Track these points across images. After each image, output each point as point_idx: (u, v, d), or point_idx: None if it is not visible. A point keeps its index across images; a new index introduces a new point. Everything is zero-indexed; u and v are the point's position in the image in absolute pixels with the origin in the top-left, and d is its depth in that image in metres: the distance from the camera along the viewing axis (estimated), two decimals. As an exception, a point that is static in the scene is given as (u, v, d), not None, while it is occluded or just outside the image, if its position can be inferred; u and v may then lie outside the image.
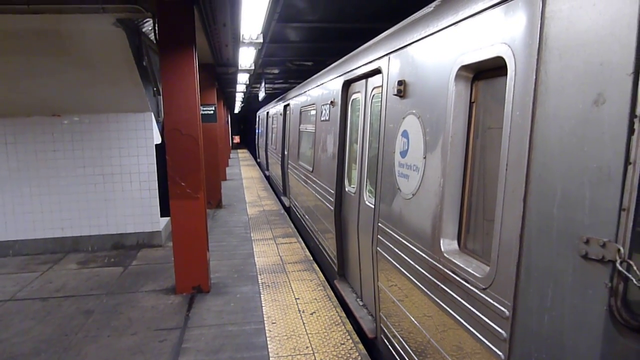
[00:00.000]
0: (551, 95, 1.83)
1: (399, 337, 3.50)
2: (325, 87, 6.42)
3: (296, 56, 12.23)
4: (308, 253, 7.07)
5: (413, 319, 3.19)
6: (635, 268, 1.52)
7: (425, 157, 2.97)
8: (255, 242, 7.75)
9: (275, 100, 15.47)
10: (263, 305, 5.11)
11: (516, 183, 1.99)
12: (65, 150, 7.23)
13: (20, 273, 6.44)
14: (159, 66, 5.23)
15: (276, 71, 15.35)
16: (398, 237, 3.39)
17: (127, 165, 7.38)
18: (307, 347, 4.15)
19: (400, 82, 3.38)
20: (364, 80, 4.77)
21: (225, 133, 23.25)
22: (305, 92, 8.26)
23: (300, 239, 7.88)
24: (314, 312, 4.89)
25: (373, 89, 4.48)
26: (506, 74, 2.09)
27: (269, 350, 4.12)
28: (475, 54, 2.38)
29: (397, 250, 3.42)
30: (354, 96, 5.19)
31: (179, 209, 5.28)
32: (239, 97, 24.49)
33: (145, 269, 6.46)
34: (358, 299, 4.99)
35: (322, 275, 6.04)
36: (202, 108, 8.60)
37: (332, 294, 5.40)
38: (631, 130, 1.52)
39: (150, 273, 6.28)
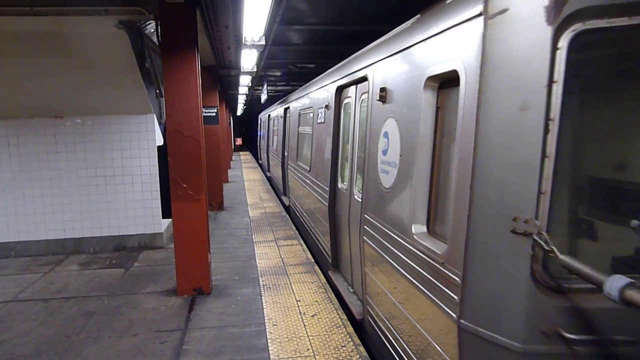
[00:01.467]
0: (489, 102, 2.24)
1: (380, 314, 3.92)
2: (321, 91, 6.86)
3: (298, 58, 12.23)
4: (309, 255, 7.06)
5: (391, 296, 3.60)
6: (547, 239, 2.01)
7: (401, 155, 3.38)
8: (256, 244, 7.75)
9: (277, 103, 15.91)
10: (264, 307, 5.11)
11: (465, 174, 2.38)
12: (67, 152, 7.25)
13: (22, 274, 6.46)
14: (161, 68, 5.25)
15: (278, 73, 15.36)
16: (380, 225, 3.81)
17: (129, 167, 7.40)
18: (307, 350, 4.14)
19: (382, 89, 3.82)
20: (354, 86, 5.18)
21: (227, 135, 23.27)
22: (304, 96, 8.67)
23: (301, 241, 7.88)
24: (315, 314, 4.88)
25: (361, 95, 4.87)
26: (459, 85, 2.49)
27: (270, 352, 4.11)
28: (439, 66, 2.78)
29: (378, 237, 3.82)
30: (345, 100, 5.61)
31: (181, 210, 5.29)
32: (241, 100, 24.54)
33: (147, 271, 6.46)
34: (349, 287, 5.33)
35: (323, 277, 6.04)
36: (204, 110, 8.63)
37: (333, 296, 5.39)
38: (546, 130, 2.05)
39: (151, 275, 6.28)
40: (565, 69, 2.03)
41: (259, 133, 25.28)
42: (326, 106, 6.32)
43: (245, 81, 14.60)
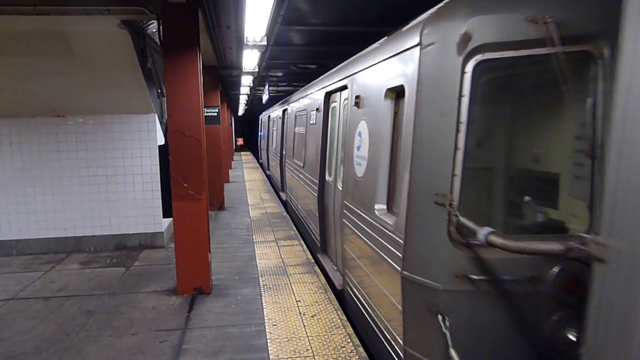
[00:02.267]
0: (422, 110, 3.00)
1: (353, 280, 4.76)
2: (313, 96, 7.69)
3: (300, 59, 12.23)
4: (310, 256, 7.07)
5: (359, 262, 4.45)
6: (455, 207, 2.79)
7: (369, 150, 4.17)
8: (257, 244, 7.76)
9: (276, 105, 16.55)
10: (264, 307, 5.11)
11: (407, 163, 3.11)
12: (69, 151, 7.27)
13: (23, 272, 6.47)
14: (163, 68, 5.26)
15: (280, 74, 15.37)
16: (354, 207, 4.58)
17: (130, 167, 7.41)
18: (307, 350, 4.15)
19: (357, 97, 4.64)
20: (338, 93, 5.97)
21: (228, 135, 23.28)
22: (299, 99, 9.54)
23: (302, 242, 7.89)
24: (315, 315, 4.89)
25: (344, 100, 5.63)
26: (405, 96, 3.28)
27: (270, 352, 4.12)
28: (393, 81, 3.57)
29: (353, 217, 4.60)
30: (332, 104, 6.40)
31: (182, 210, 5.30)
32: (242, 100, 24.55)
33: (147, 270, 6.47)
34: (334, 266, 6.16)
35: (323, 278, 6.05)
36: (205, 110, 8.63)
37: (333, 296, 5.40)
38: (458, 130, 2.79)
39: (151, 274, 6.30)
40: (470, 86, 2.78)
41: (259, 133, 25.94)
42: (317, 109, 7.12)
43: (246, 81, 14.61)
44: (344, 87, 5.43)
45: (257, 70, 11.14)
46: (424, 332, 3.08)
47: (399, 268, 3.22)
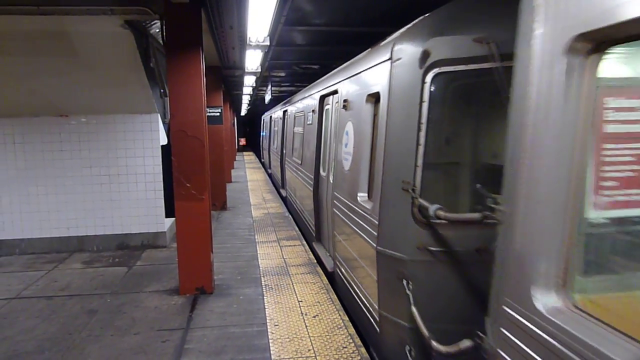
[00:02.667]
0: (392, 113, 3.66)
1: (341, 260, 5.40)
2: (310, 99, 8.38)
3: (302, 59, 12.24)
4: (312, 256, 7.07)
5: (345, 244, 5.11)
6: (416, 192, 3.37)
7: (354, 147, 4.79)
8: (259, 245, 7.76)
9: (277, 106, 17.37)
10: (266, 307, 5.12)
11: (381, 157, 3.76)
12: (72, 150, 7.29)
13: (26, 271, 6.49)
14: (166, 68, 5.26)
15: (282, 74, 15.38)
16: (342, 197, 5.21)
17: (133, 166, 7.42)
18: (309, 350, 4.15)
19: (345, 100, 5.32)
20: (331, 96, 6.58)
21: (231, 135, 23.30)
22: (298, 101, 10.26)
23: (304, 242, 7.90)
24: (317, 315, 4.88)
25: (335, 103, 6.18)
26: (380, 101, 3.95)
27: (271, 352, 4.12)
28: (372, 88, 4.25)
29: (341, 206, 5.22)
30: (326, 107, 7.04)
31: (184, 210, 5.30)
32: (245, 100, 24.56)
33: (150, 270, 6.48)
34: (327, 253, 6.72)
35: (325, 278, 6.04)
36: (208, 110, 8.65)
37: (335, 297, 5.40)
38: (419, 129, 3.39)
39: (154, 273, 6.31)
40: (429, 94, 3.40)
41: (261, 133, 26.69)
42: (313, 111, 7.79)
43: (249, 82, 14.61)
44: (335, 92, 6.08)
45: (259, 70, 11.14)
46: (393, 296, 3.72)
47: (374, 244, 3.87)
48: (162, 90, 7.21)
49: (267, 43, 7.39)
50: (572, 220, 1.72)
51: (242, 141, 43.00)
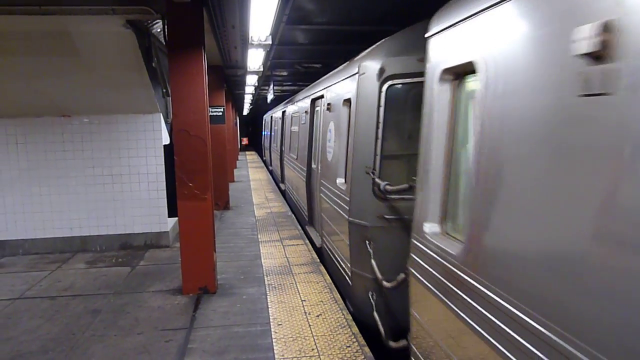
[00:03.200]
0: (358, 114, 4.73)
1: (326, 236, 6.49)
2: (304, 101, 9.53)
3: (305, 58, 12.21)
4: (315, 255, 7.06)
5: (327, 220, 6.26)
6: (375, 174, 4.44)
7: (335, 141, 5.95)
8: (262, 244, 7.76)
9: (278, 106, 18.26)
10: (269, 306, 5.11)
11: (352, 148, 4.87)
12: (74, 150, 7.30)
13: (30, 272, 6.50)
14: (168, 67, 5.26)
15: (285, 73, 15.35)
16: (326, 183, 6.32)
17: (135, 166, 7.43)
18: (312, 349, 4.14)
19: (328, 104, 6.46)
20: (319, 99, 7.65)
21: (233, 135, 23.31)
22: (295, 103, 11.61)
23: (307, 241, 7.89)
24: (320, 315, 4.87)
25: (323, 106, 7.14)
26: (351, 105, 5.08)
27: (275, 351, 4.11)
28: (346, 95, 5.39)
29: (325, 190, 6.34)
30: (316, 108, 8.11)
31: (187, 209, 5.30)
32: (247, 99, 24.56)
33: (153, 269, 6.48)
34: (317, 233, 7.71)
35: (328, 277, 6.03)
36: (210, 109, 8.69)
37: (339, 296, 5.39)
38: (377, 127, 4.49)
39: (157, 273, 6.31)
40: (384, 101, 4.47)
41: (263, 133, 27.73)
42: (306, 112, 8.95)
43: (251, 81, 14.60)
44: (322, 96, 7.23)
45: (262, 69, 11.12)
46: (360, 256, 4.75)
47: (347, 216, 4.96)
48: (164, 90, 7.21)
49: (269, 42, 7.37)
50: (445, 189, 2.88)
51: (245, 140, 43.03)
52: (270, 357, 4.03)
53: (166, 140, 7.54)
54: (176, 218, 5.44)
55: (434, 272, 2.76)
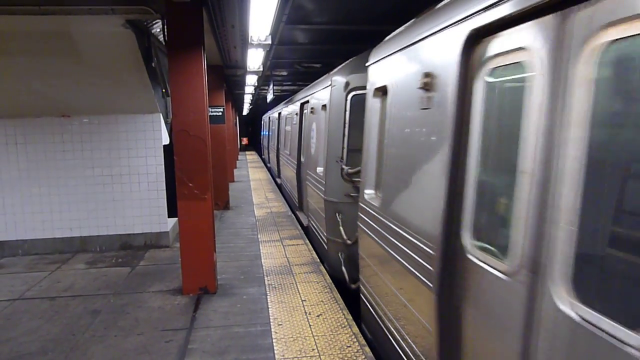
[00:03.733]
0: (331, 117, 6.28)
1: (310, 214, 8.14)
2: (295, 104, 11.10)
3: (304, 58, 12.21)
4: (315, 255, 7.06)
5: (310, 200, 7.89)
6: (344, 163, 5.86)
7: (316, 138, 7.41)
8: (262, 244, 7.75)
9: (276, 107, 19.31)
10: (269, 306, 5.10)
11: (327, 143, 6.38)
12: (74, 150, 7.29)
13: (29, 272, 6.49)
14: (167, 67, 5.25)
15: (284, 73, 15.35)
16: (309, 172, 7.87)
17: (135, 166, 7.42)
18: (313, 350, 4.13)
19: (312, 108, 8.07)
20: (307, 104, 9.03)
21: (233, 135, 23.30)
22: (288, 105, 13.14)
23: (307, 241, 7.88)
24: (321, 315, 4.87)
25: (308, 109, 8.69)
26: (326, 110, 6.64)
27: (275, 352, 4.10)
28: (323, 101, 6.89)
29: (309, 177, 7.88)
30: (304, 111, 9.62)
31: (187, 209, 5.29)
32: (247, 99, 24.55)
33: (153, 270, 6.48)
34: (305, 215, 9.14)
35: (329, 277, 6.03)
36: (210, 109, 8.67)
37: (339, 296, 5.38)
38: (345, 126, 5.98)
39: (157, 273, 6.30)
40: (349, 107, 5.89)
41: (262, 132, 28.95)
42: (296, 114, 10.55)
43: (251, 81, 14.60)
44: (308, 101, 8.81)
45: (261, 69, 11.13)
46: (332, 225, 6.19)
47: (323, 195, 6.43)
48: (164, 90, 7.20)
49: (269, 42, 7.37)
50: (378, 167, 4.12)
51: (245, 140, 43.01)
52: (270, 357, 4.02)
53: (166, 140, 7.53)
54: (176, 218, 5.43)
55: (368, 220, 4.17)
